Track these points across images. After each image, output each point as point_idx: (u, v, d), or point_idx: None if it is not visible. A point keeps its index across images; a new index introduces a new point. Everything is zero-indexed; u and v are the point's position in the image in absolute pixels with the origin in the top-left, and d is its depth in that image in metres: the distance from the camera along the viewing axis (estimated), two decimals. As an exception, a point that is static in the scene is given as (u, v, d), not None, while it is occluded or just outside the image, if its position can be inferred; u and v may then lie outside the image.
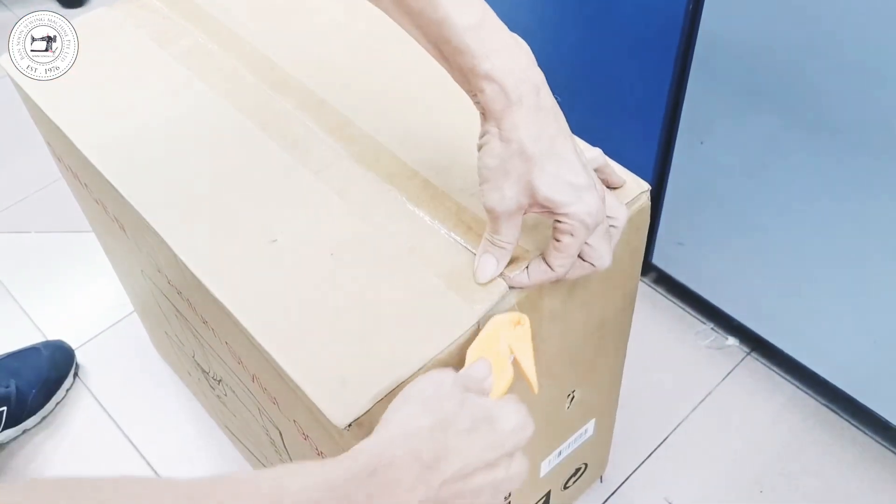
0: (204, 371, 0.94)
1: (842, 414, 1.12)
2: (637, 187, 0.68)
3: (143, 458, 1.14)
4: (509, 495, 0.68)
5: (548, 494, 0.94)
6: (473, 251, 0.63)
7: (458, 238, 0.64)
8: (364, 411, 0.55)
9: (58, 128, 0.76)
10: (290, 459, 0.80)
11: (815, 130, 0.90)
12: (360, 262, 0.63)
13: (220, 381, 0.90)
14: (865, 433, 1.10)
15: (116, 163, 0.73)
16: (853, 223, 0.93)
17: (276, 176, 0.70)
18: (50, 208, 1.51)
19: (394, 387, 0.56)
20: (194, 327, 0.82)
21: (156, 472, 1.13)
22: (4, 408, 1.13)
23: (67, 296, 1.38)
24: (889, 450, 1.08)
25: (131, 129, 0.76)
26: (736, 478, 1.07)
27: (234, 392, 0.85)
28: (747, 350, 1.21)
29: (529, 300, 0.62)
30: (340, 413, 0.54)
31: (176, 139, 0.75)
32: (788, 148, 0.94)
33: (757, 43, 0.90)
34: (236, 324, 0.62)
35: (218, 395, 0.97)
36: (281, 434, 0.76)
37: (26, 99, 0.81)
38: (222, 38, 0.85)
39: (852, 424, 1.11)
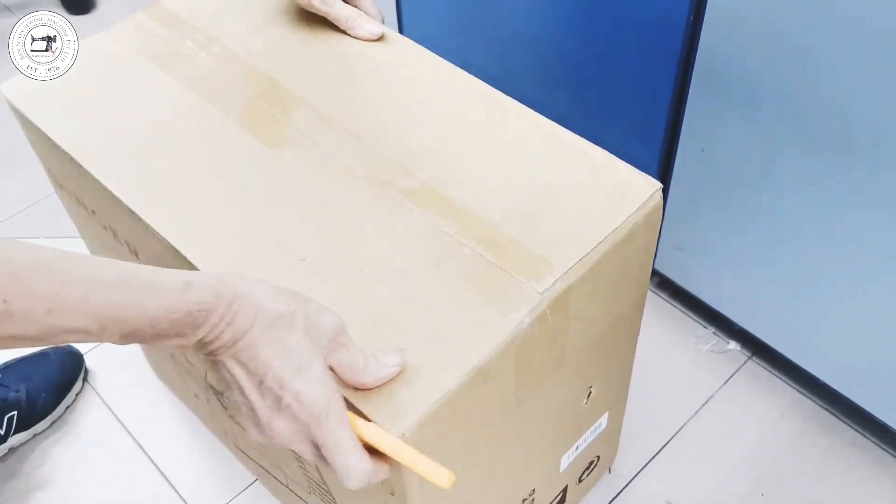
0: (218, 392, 0.95)
1: (842, 417, 1.14)
2: (649, 186, 0.70)
3: (152, 461, 1.16)
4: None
5: (565, 490, 0.96)
6: (501, 266, 0.65)
7: (484, 253, 0.66)
8: (414, 423, 0.56)
9: (66, 155, 0.77)
10: (322, 476, 0.81)
11: (814, 139, 0.92)
12: (391, 278, 0.65)
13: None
14: (866, 437, 1.12)
15: (133, 189, 0.74)
16: (853, 228, 0.95)
17: (300, 195, 0.72)
18: (60, 213, 1.52)
19: (440, 397, 0.58)
20: None
21: (164, 475, 1.14)
22: (15, 412, 1.14)
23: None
24: (889, 453, 1.10)
25: (144, 155, 0.76)
26: (737, 481, 1.09)
27: None
28: (748, 354, 1.23)
29: (558, 302, 0.64)
30: (391, 425, 0.56)
31: (192, 164, 0.75)
32: (788, 156, 0.96)
33: (756, 53, 0.91)
34: None
35: (231, 416, 0.98)
36: None
37: (28, 127, 0.80)
38: (227, 61, 0.85)
39: (853, 428, 1.13)
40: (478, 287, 0.63)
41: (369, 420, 0.56)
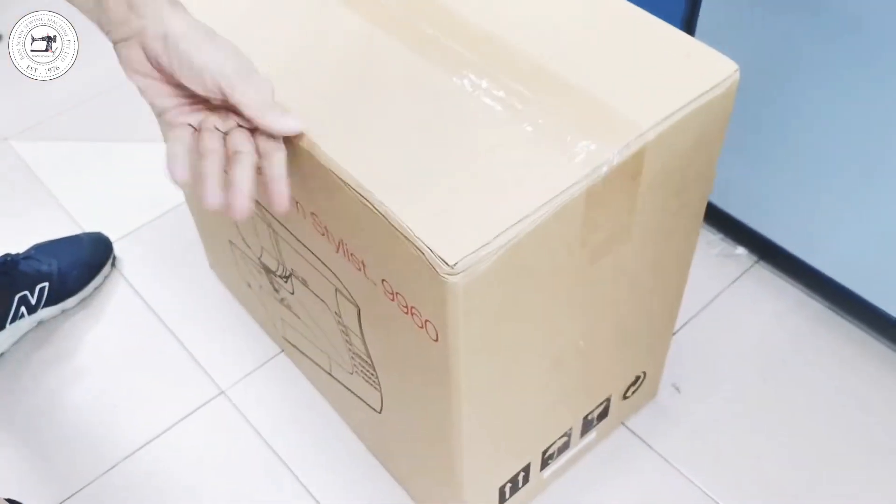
0: (270, 271, 0.97)
1: (845, 315, 1.19)
2: (728, 66, 0.72)
3: (175, 337, 1.19)
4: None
5: (608, 401, 0.99)
6: (575, 118, 0.68)
7: (559, 107, 0.68)
8: (477, 247, 0.59)
9: None
10: (365, 344, 0.84)
11: (827, 29, 0.95)
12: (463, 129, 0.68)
13: (289, 276, 0.93)
14: (869, 333, 1.17)
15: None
16: (860, 119, 0.98)
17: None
18: (98, 117, 1.54)
19: (507, 229, 0.60)
20: (271, 216, 0.86)
21: (192, 355, 1.18)
22: (46, 283, 1.17)
23: (107, 195, 1.41)
24: (890, 348, 1.16)
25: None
26: (740, 368, 1.15)
27: (304, 283, 0.89)
28: (755, 258, 1.28)
29: (633, 161, 0.67)
30: (449, 252, 0.59)
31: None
32: (800, 45, 0.99)
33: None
34: (336, 177, 0.65)
35: (282, 298, 1.00)
36: (359, 311, 0.80)
37: None
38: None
39: (855, 325, 1.18)
40: (551, 139, 0.66)
41: None
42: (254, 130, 0.64)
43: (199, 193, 0.62)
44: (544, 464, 0.96)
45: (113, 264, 1.28)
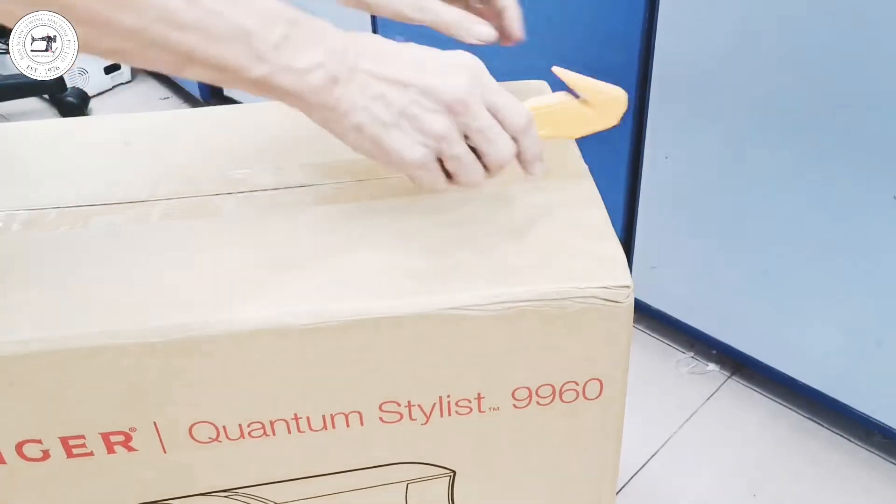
0: None
1: (825, 424, 1.14)
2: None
3: None
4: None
5: None
6: None
7: None
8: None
9: None
10: None
11: (773, 136, 0.96)
12: None
13: None
14: (850, 440, 1.12)
15: None
16: (820, 222, 0.98)
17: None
18: None
19: None
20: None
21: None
22: None
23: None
24: (874, 454, 1.10)
25: None
26: (728, 485, 1.08)
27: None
28: (727, 374, 1.24)
29: None
30: (615, 277, 0.58)
31: None
32: (751, 152, 1.00)
33: (709, 57, 0.97)
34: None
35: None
36: (452, 478, 0.64)
37: None
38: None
39: (836, 433, 1.13)
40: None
41: None
42: None
43: None
44: None
45: None
